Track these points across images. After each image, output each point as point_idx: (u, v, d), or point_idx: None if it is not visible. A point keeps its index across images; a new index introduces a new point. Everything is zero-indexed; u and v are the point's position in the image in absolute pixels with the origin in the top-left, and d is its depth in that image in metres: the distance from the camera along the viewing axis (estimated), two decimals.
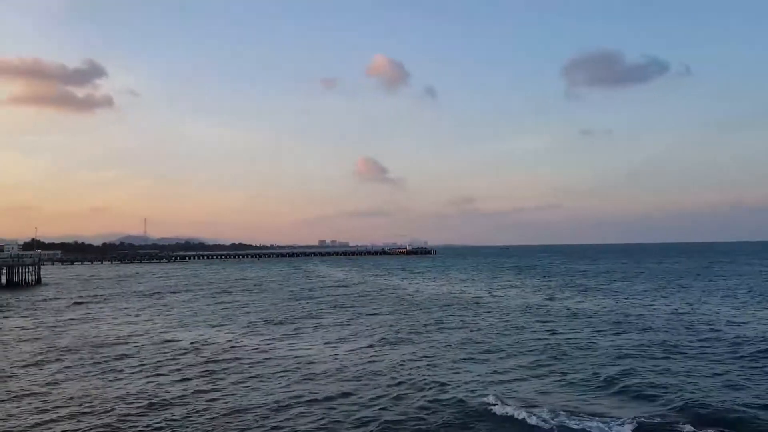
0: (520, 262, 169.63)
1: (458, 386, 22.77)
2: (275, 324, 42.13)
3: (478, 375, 24.92)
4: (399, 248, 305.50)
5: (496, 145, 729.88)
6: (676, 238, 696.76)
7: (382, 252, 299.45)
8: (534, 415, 18.97)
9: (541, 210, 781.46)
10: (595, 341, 32.57)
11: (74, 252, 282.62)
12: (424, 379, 23.98)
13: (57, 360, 29.54)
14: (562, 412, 19.25)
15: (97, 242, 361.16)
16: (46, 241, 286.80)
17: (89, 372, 26.49)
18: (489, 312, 47.18)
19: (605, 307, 48.70)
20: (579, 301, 54.36)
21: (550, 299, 56.82)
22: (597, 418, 18.63)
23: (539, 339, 33.57)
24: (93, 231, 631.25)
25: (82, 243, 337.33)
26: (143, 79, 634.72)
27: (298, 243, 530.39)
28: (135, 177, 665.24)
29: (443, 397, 21.32)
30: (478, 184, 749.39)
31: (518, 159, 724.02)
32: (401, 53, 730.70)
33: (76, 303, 61.21)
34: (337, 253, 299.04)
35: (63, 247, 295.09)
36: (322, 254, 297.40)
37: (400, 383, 23.59)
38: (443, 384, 23.09)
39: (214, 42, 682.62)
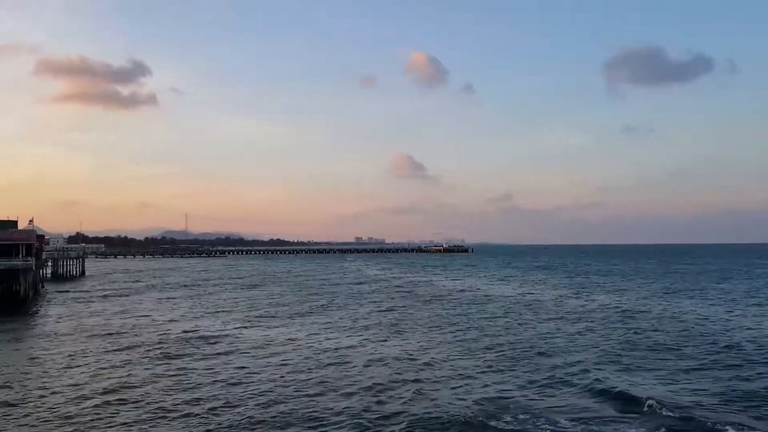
0: (551, 262, 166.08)
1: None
2: (283, 315, 42.30)
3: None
4: (435, 246, 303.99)
5: (535, 141, 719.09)
6: (723, 239, 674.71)
7: (419, 250, 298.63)
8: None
9: (583, 208, 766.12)
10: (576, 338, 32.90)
11: (117, 246, 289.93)
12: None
13: (91, 347, 30.00)
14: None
15: (140, 237, 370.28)
16: (91, 235, 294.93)
17: (116, 359, 26.77)
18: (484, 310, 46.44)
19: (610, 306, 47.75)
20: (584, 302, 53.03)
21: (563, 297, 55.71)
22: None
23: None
24: (136, 226, 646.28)
25: (125, 237, 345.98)
26: (185, 77, 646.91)
27: (335, 239, 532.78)
28: (177, 173, 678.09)
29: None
30: (517, 181, 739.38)
31: (558, 156, 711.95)
32: (439, 50, 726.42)
33: (113, 295, 62.49)
34: (373, 250, 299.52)
35: (107, 241, 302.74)
36: (358, 251, 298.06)
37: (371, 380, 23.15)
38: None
39: (254, 40, 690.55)
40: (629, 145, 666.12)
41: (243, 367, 26.00)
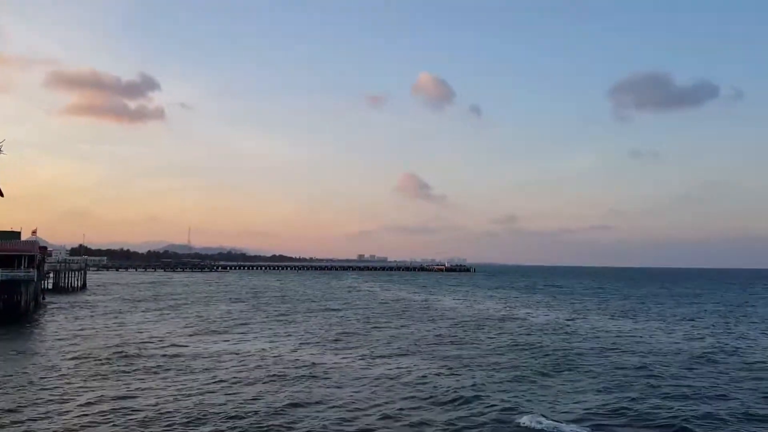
0: (545, 282, 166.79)
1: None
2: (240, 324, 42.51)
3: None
4: (437, 265, 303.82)
5: (541, 163, 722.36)
6: (730, 264, 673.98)
7: (420, 268, 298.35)
8: None
9: (590, 231, 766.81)
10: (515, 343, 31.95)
11: (120, 259, 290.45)
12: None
13: (79, 360, 30.16)
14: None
15: (143, 250, 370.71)
16: (93, 248, 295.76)
17: (95, 373, 26.93)
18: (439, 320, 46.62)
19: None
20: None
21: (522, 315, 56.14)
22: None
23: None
24: (139, 239, 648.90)
25: (128, 250, 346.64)
26: (194, 93, 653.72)
27: (338, 257, 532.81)
28: (182, 187, 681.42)
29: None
30: (523, 202, 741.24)
31: (564, 178, 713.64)
32: (447, 72, 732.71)
33: (112, 308, 62.65)
34: (375, 268, 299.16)
35: (109, 253, 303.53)
36: (360, 268, 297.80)
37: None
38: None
39: (263, 58, 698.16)
40: (635, 169, 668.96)
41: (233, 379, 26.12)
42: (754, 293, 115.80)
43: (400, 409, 21.16)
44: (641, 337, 44.06)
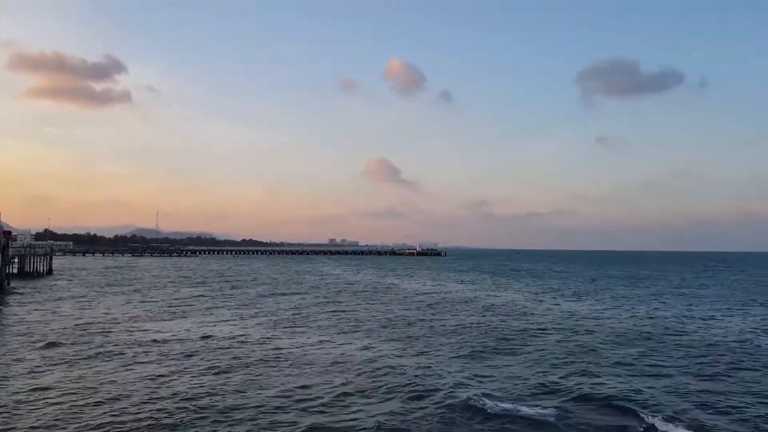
0: (512, 264, 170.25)
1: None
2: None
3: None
4: (408, 249, 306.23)
5: (511, 149, 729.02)
6: (692, 247, 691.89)
7: (392, 252, 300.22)
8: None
9: (556, 215, 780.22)
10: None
11: (86, 243, 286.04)
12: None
13: (44, 346, 30.43)
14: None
15: (110, 234, 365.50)
16: (60, 232, 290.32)
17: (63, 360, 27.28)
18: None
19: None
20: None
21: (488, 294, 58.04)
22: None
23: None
24: (106, 223, 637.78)
25: (94, 235, 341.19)
26: (161, 76, 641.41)
27: (309, 241, 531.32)
28: (150, 171, 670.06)
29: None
30: (493, 187, 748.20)
31: (533, 164, 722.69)
32: (418, 57, 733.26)
33: (78, 293, 62.36)
34: (346, 252, 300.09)
35: (75, 238, 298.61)
36: (330, 253, 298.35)
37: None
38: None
39: (233, 41, 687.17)
40: (602, 154, 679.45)
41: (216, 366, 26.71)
42: (710, 275, 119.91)
43: (346, 393, 21.71)
44: (591, 317, 45.57)
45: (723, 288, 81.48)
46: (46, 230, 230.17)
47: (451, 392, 21.72)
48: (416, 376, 24.36)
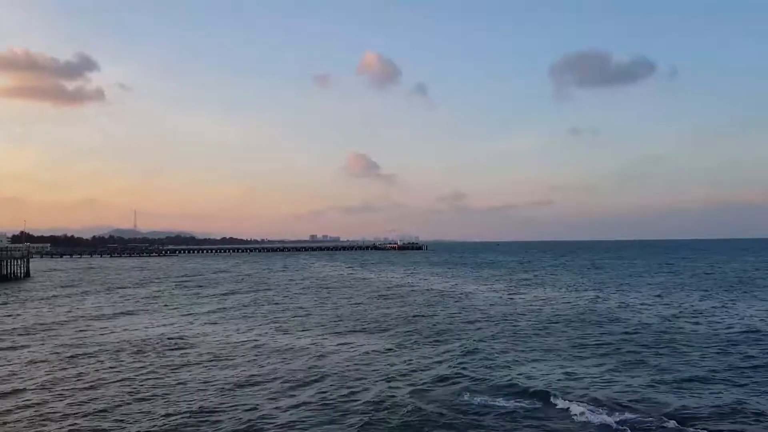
0: (488, 258, 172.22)
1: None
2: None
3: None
4: (390, 243, 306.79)
5: (487, 142, 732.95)
6: (666, 235, 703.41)
7: (373, 247, 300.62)
8: None
9: (533, 207, 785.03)
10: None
11: (64, 245, 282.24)
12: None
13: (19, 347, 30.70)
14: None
15: (87, 235, 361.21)
16: (35, 234, 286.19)
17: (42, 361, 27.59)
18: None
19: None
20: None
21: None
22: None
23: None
24: (83, 224, 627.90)
25: (72, 236, 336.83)
26: (135, 73, 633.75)
27: (290, 238, 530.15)
28: (126, 170, 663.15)
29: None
30: (470, 180, 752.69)
31: (509, 156, 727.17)
32: (392, 51, 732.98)
33: (57, 294, 62.08)
34: (328, 248, 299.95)
35: (52, 240, 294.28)
36: (312, 249, 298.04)
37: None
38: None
39: (207, 37, 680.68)
40: (576, 146, 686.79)
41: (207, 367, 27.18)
42: (671, 261, 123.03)
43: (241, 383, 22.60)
44: (526, 306, 46.72)
45: (659, 276, 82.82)
46: (22, 232, 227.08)
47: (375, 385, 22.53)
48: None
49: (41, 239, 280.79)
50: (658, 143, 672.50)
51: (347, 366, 25.55)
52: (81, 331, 36.83)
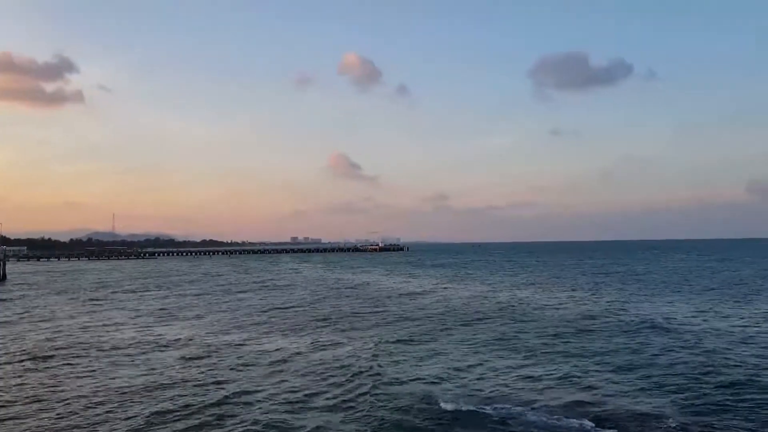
0: (464, 258, 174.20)
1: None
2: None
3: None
4: (371, 245, 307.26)
5: (468, 143, 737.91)
6: (646, 235, 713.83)
7: (354, 249, 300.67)
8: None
9: (515, 207, 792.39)
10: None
11: (41, 248, 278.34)
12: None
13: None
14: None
15: (65, 238, 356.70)
16: (12, 237, 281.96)
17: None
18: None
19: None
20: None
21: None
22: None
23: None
24: (61, 226, 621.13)
25: (49, 239, 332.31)
26: (115, 74, 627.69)
27: (271, 239, 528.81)
28: (104, 172, 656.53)
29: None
30: (452, 181, 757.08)
31: (490, 157, 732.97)
32: (373, 52, 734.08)
33: (33, 296, 61.94)
34: (309, 250, 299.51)
35: (29, 243, 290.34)
36: (293, 251, 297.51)
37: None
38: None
39: (187, 38, 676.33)
40: (557, 146, 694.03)
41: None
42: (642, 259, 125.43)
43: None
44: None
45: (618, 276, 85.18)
46: None
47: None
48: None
49: (18, 242, 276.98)
50: (638, 144, 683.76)
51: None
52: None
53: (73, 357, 28.22)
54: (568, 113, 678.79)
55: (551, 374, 23.03)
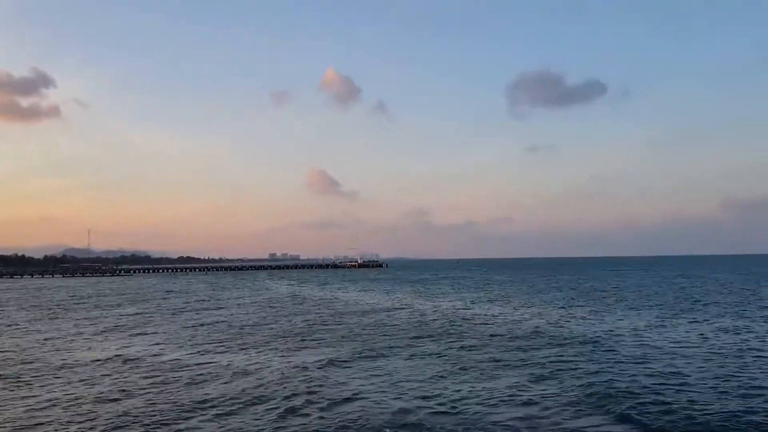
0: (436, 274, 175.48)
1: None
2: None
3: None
4: (350, 261, 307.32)
5: (446, 159, 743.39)
6: (620, 252, 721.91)
7: (333, 265, 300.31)
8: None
9: (494, 223, 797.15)
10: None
11: (14, 265, 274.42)
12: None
13: None
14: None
15: (39, 255, 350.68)
16: None
17: None
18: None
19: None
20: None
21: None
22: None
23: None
24: (34, 242, 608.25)
25: (23, 256, 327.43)
26: (92, 89, 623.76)
27: (249, 256, 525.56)
28: (80, 188, 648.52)
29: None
30: (431, 197, 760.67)
31: (468, 173, 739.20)
32: (352, 68, 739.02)
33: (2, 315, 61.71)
34: (287, 267, 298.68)
35: (2, 259, 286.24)
36: (271, 267, 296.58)
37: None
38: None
39: (165, 53, 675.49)
40: (534, 163, 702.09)
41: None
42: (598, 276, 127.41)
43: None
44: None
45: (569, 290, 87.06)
46: None
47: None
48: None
49: None
50: (611, 160, 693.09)
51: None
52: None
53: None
54: (544, 130, 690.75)
55: (489, 389, 23.93)
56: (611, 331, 40.24)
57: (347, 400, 22.47)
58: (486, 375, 26.47)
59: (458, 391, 23.54)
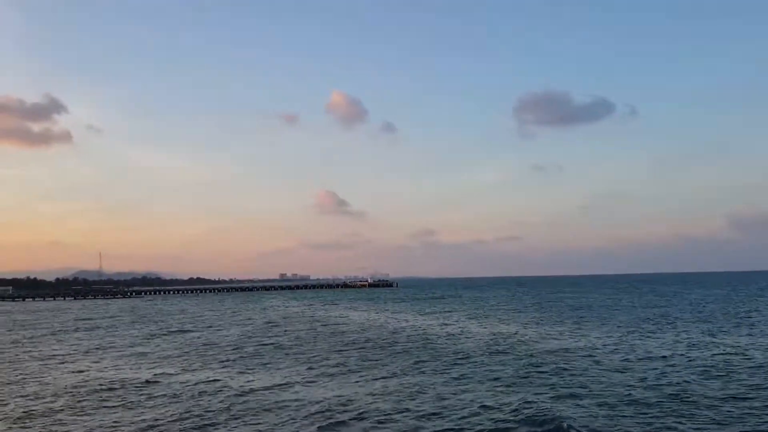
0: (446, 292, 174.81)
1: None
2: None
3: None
4: (361, 281, 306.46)
5: (453, 178, 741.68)
6: (626, 269, 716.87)
7: (344, 285, 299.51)
8: None
9: (501, 242, 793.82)
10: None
11: (27, 288, 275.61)
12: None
13: None
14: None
15: (51, 277, 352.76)
16: None
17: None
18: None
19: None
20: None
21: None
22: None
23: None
24: (46, 266, 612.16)
25: (35, 278, 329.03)
26: (102, 113, 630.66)
27: (259, 277, 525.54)
28: (92, 211, 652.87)
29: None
30: (438, 216, 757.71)
31: (475, 192, 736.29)
32: (359, 90, 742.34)
33: (17, 338, 61.87)
34: (297, 287, 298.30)
35: (15, 282, 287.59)
36: (282, 288, 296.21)
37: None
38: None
39: (174, 77, 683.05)
40: (541, 181, 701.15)
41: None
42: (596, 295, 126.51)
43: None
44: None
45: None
46: None
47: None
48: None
49: (3, 282, 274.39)
50: (618, 179, 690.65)
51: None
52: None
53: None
54: (551, 149, 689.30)
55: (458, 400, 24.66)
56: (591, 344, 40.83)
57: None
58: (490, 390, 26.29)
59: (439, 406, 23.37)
